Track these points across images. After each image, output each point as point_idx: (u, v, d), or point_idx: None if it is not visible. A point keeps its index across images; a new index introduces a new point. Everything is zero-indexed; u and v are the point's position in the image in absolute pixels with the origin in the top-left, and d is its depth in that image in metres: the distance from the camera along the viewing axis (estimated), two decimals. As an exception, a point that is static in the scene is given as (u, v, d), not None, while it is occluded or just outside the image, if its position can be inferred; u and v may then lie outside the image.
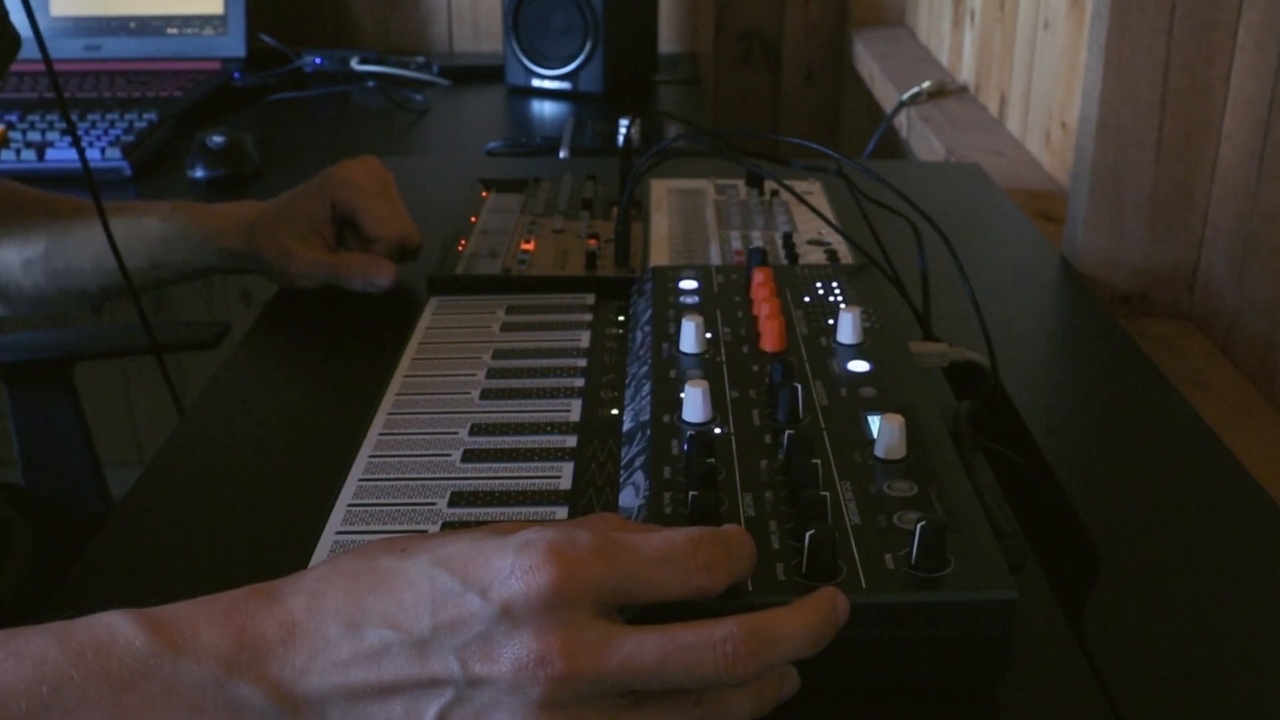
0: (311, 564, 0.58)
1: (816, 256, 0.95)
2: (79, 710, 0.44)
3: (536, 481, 0.65)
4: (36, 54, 0.86)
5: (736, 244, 0.98)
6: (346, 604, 0.46)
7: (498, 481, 0.65)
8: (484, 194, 1.12)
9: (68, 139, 1.50)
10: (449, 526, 0.61)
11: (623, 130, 1.53)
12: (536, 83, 1.89)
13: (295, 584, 0.48)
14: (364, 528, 0.61)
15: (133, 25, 1.93)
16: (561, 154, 1.53)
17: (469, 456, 0.67)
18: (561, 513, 0.62)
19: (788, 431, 0.60)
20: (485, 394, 0.75)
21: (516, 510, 0.62)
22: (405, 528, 0.61)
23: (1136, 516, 0.68)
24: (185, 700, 0.45)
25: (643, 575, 0.46)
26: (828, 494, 0.55)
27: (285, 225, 0.93)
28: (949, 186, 1.25)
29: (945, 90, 1.80)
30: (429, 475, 0.66)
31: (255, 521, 0.66)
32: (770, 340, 0.71)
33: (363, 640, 0.45)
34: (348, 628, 0.45)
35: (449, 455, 0.68)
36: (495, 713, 0.45)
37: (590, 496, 0.63)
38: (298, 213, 0.93)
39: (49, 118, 1.57)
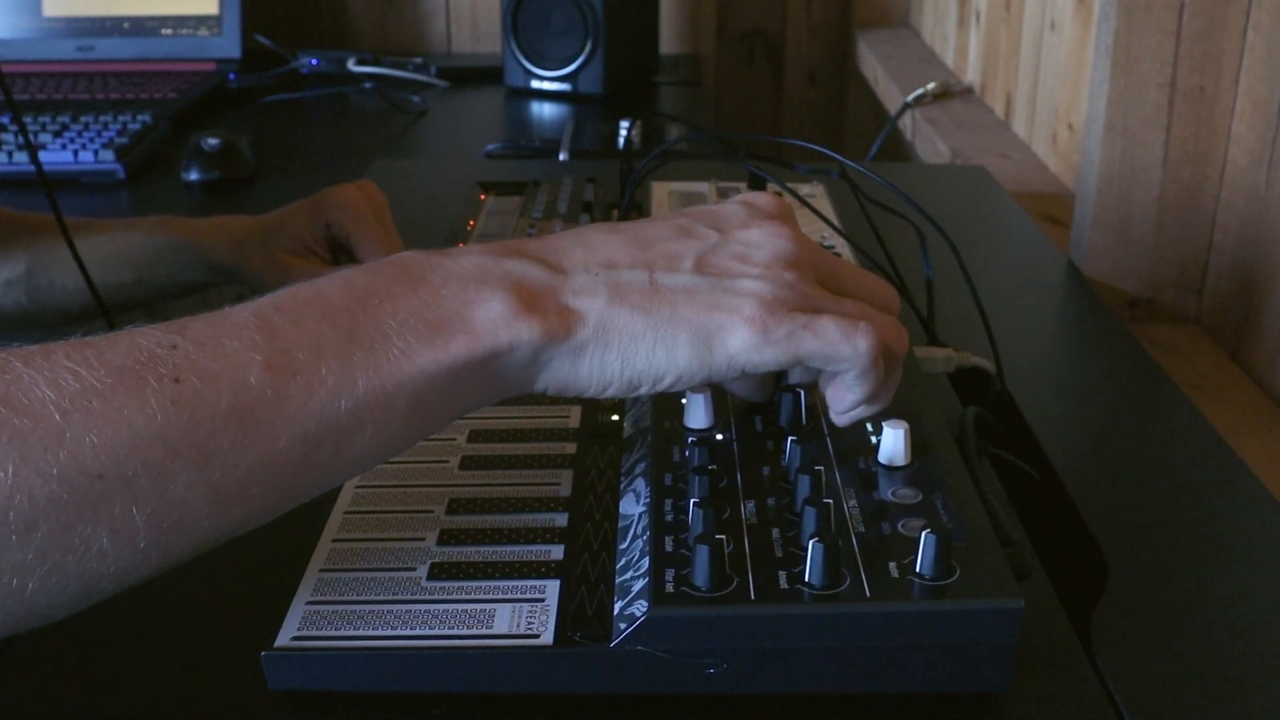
0: (309, 570, 0.57)
1: (819, 259, 0.94)
2: (388, 299, 0.50)
3: (535, 488, 0.64)
4: (29, 55, 0.85)
5: (738, 247, 0.97)
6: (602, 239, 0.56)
7: (496, 488, 0.64)
8: (482, 196, 1.11)
9: (60, 141, 1.49)
10: (447, 534, 0.60)
11: (623, 132, 1.51)
12: (536, 84, 1.88)
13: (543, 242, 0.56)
14: (361, 534, 0.60)
15: (126, 26, 1.92)
16: (561, 156, 1.52)
17: (467, 463, 0.66)
18: (561, 520, 0.61)
19: (790, 438, 0.59)
20: (483, 399, 0.74)
21: (516, 517, 0.61)
22: (402, 535, 0.60)
23: (1144, 524, 0.67)
24: (468, 276, 0.51)
25: (848, 272, 0.58)
26: (831, 501, 0.54)
27: (279, 241, 0.91)
28: (954, 189, 1.25)
29: (950, 92, 1.79)
30: (426, 482, 0.65)
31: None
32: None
33: (620, 247, 0.55)
34: (605, 247, 0.55)
35: (446, 462, 0.67)
36: (752, 252, 0.55)
37: (590, 503, 0.62)
38: (291, 231, 0.92)
39: (41, 119, 1.56)
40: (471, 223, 1.03)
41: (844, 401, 0.57)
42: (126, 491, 0.43)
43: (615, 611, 0.52)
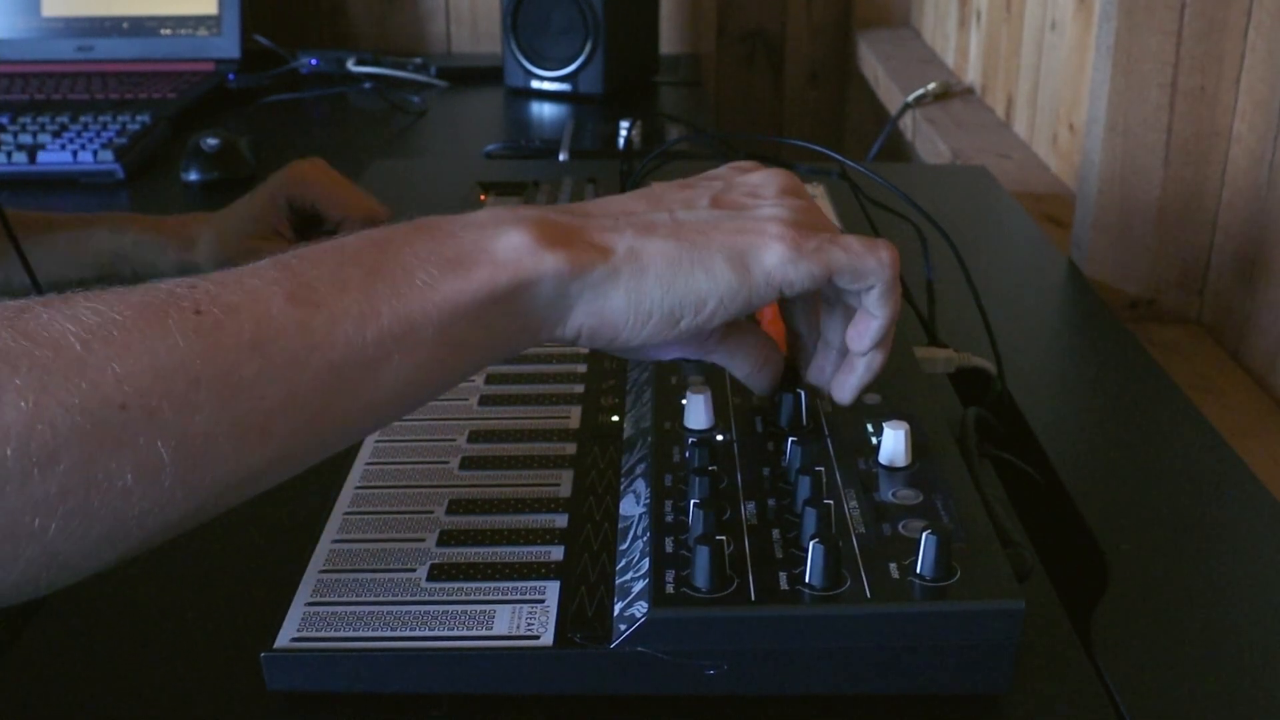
0: (308, 571, 0.57)
1: (819, 260, 0.94)
2: (406, 243, 0.50)
3: (535, 489, 0.64)
4: (28, 55, 0.85)
5: (738, 247, 0.97)
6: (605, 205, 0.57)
7: (496, 489, 0.64)
8: (482, 197, 1.11)
9: (59, 141, 1.49)
10: (447, 534, 0.60)
11: (623, 132, 1.51)
12: (536, 84, 1.88)
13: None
14: (361, 536, 0.60)
15: (125, 26, 1.91)
16: (561, 156, 1.52)
17: (467, 464, 0.66)
18: (561, 520, 0.61)
19: (790, 438, 0.59)
20: (484, 400, 0.74)
21: (515, 518, 0.61)
22: (403, 535, 0.60)
23: (1145, 524, 0.67)
24: (485, 222, 0.52)
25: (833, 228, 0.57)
26: (831, 502, 0.54)
27: (247, 229, 0.92)
28: (955, 189, 1.24)
29: (951, 92, 1.79)
30: (426, 483, 0.65)
31: (250, 529, 0.65)
32: (773, 345, 0.70)
33: (633, 201, 0.56)
34: (617, 204, 0.56)
35: (447, 463, 0.67)
36: (760, 189, 0.57)
37: (590, 504, 0.62)
38: (254, 217, 0.92)
39: (40, 119, 1.56)
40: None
41: (869, 331, 0.57)
42: (150, 423, 0.42)
43: (615, 612, 0.52)
